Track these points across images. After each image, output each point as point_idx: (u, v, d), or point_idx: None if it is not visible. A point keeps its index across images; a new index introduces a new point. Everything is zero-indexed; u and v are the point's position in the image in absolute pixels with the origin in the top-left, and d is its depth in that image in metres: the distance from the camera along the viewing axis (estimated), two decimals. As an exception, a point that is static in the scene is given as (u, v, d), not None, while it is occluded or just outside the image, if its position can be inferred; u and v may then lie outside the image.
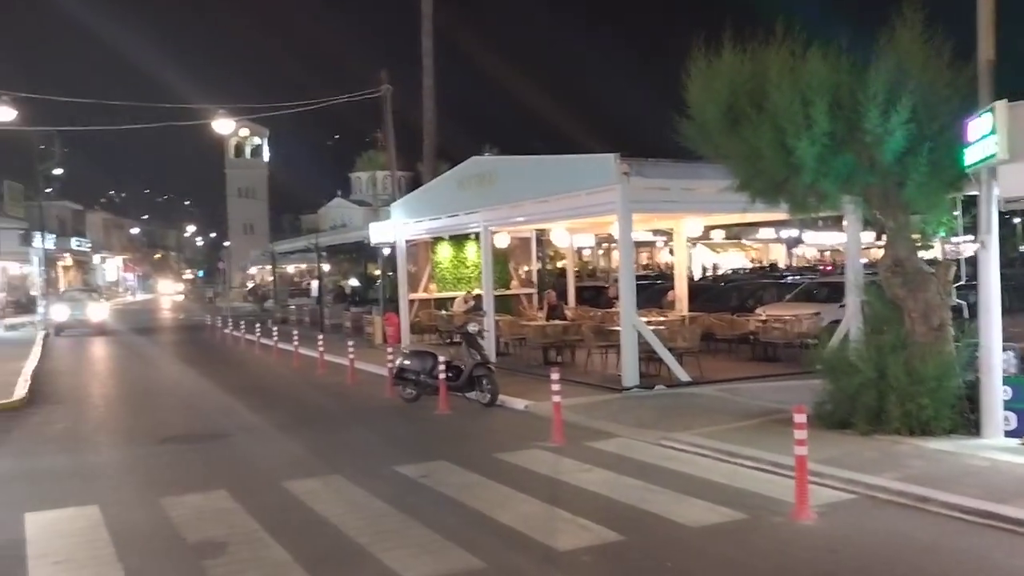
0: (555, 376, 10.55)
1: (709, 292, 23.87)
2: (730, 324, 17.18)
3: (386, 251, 25.34)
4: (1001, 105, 8.10)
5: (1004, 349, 8.94)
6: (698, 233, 18.52)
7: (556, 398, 10.38)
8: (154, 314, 52.99)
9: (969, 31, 8.94)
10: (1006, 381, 8.85)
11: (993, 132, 8.07)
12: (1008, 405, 8.85)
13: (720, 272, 43.29)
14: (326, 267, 41.55)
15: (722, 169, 10.77)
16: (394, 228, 22.25)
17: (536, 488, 8.23)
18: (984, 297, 8.83)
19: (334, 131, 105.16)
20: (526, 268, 24.43)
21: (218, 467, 9.78)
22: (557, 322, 17.58)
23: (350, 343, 18.43)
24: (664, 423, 10.76)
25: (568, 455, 9.54)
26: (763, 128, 9.60)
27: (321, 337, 20.86)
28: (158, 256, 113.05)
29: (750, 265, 48.70)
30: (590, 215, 15.71)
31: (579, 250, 39.36)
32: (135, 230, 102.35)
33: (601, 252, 51.34)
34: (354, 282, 44.53)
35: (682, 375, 13.83)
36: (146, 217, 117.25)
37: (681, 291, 19.11)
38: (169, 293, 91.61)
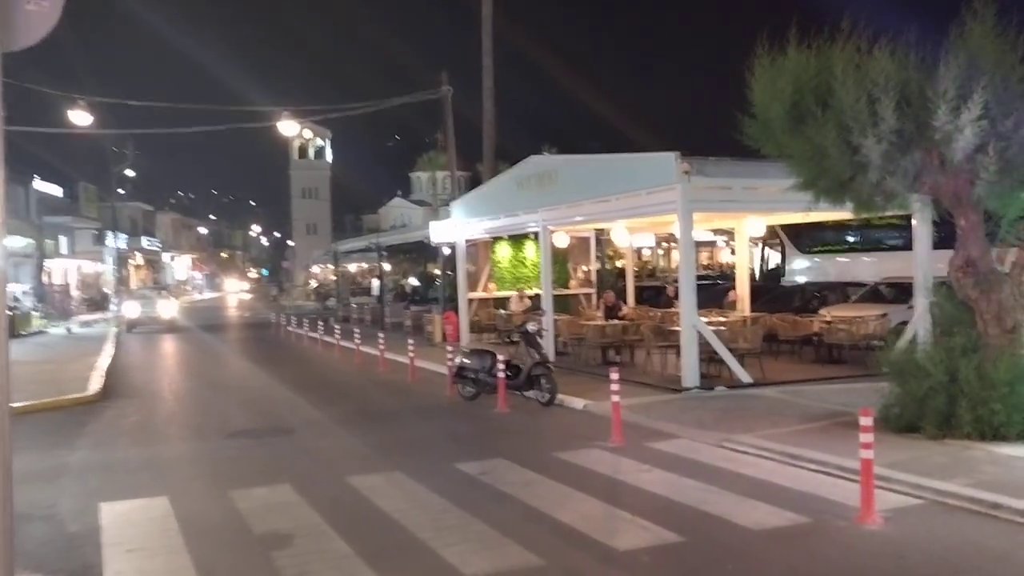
0: (614, 375, 10.53)
1: (772, 292, 23.49)
2: (793, 325, 16.90)
3: (446, 250, 25.56)
4: (1080, 100, 7.81)
5: (1082, 353, 8.64)
6: (760, 232, 18.24)
7: (615, 398, 10.35)
8: (221, 312, 54.31)
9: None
10: (1084, 386, 8.54)
11: (1071, 128, 7.79)
12: (1086, 411, 8.55)
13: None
14: (387, 266, 42.05)
15: (784, 168, 10.60)
16: (454, 228, 22.43)
17: (595, 487, 8.24)
18: (1061, 299, 8.53)
19: (395, 132, 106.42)
20: (585, 268, 24.38)
21: (283, 461, 10.00)
22: (616, 322, 17.52)
23: (410, 341, 18.64)
24: (725, 424, 10.65)
25: (627, 455, 9.52)
26: (828, 126, 9.42)
27: (382, 335, 21.15)
28: (225, 255, 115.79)
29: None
30: (650, 214, 15.62)
31: (639, 250, 39.08)
32: (203, 230, 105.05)
33: (661, 252, 50.90)
34: (414, 281, 44.97)
35: (743, 376, 13.66)
36: (213, 217, 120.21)
37: (743, 291, 18.86)
38: (235, 292, 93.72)
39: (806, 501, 7.51)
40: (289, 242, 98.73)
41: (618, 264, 33.96)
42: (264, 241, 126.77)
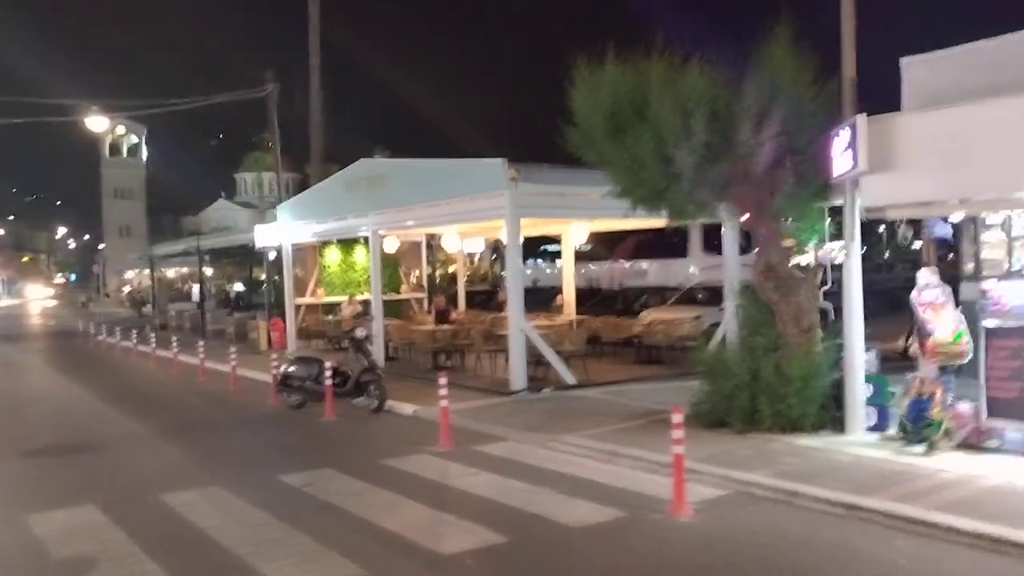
0: (443, 381, 10.55)
1: (598, 297, 24.35)
2: (615, 327, 17.57)
3: (272, 255, 24.75)
4: (862, 119, 8.61)
5: (866, 349, 9.49)
6: (584, 239, 18.88)
7: (444, 403, 10.38)
8: (21, 320, 50.00)
9: (834, 49, 9.45)
10: (868, 379, 9.38)
11: (854, 145, 8.57)
12: (870, 401, 9.39)
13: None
14: (209, 271, 40.19)
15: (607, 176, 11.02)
16: (280, 231, 21.76)
17: (423, 493, 8.21)
18: (848, 301, 9.34)
19: (219, 131, 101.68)
20: (416, 272, 24.32)
21: (90, 480, 9.32)
22: (446, 326, 17.57)
23: (232, 349, 17.90)
24: (551, 426, 10.91)
25: (456, 459, 9.55)
26: (645, 137, 9.89)
27: (202, 343, 20.17)
28: (26, 259, 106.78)
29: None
30: (480, 219, 15.80)
31: (471, 255, 39.41)
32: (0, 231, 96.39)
33: (494, 257, 51.53)
34: (239, 287, 43.24)
35: (569, 378, 14.06)
36: (12, 218, 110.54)
37: (569, 295, 19.42)
38: (39, 298, 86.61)
39: (624, 497, 7.82)
40: (100, 245, 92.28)
41: (450, 269, 34.11)
42: (72, 244, 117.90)
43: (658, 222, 12.20)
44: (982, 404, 8.47)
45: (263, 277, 29.96)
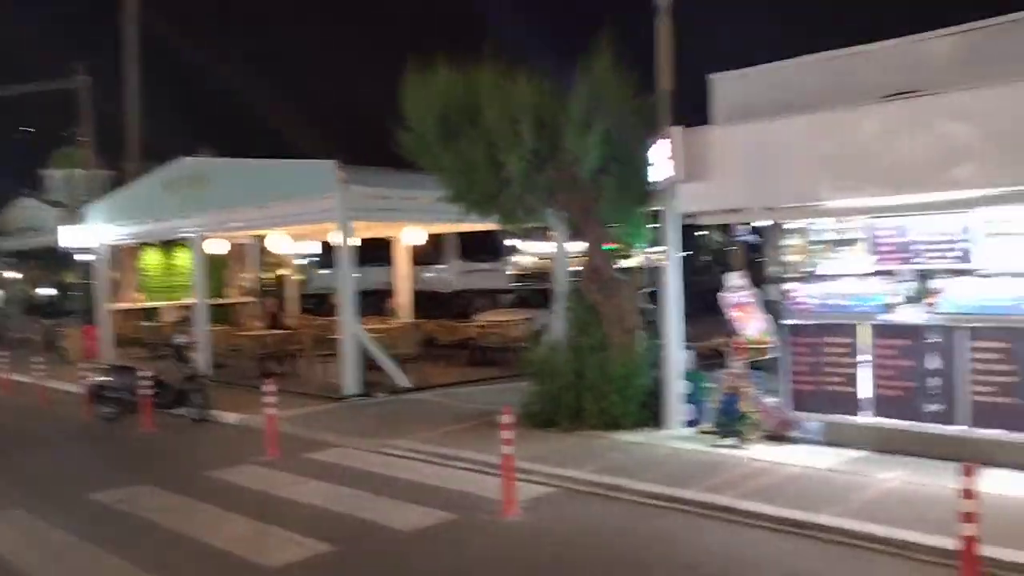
0: (269, 387, 10.23)
1: (435, 299, 24.38)
2: (451, 330, 17.66)
3: (86, 257, 23.11)
4: (677, 131, 9.11)
5: (685, 348, 10.02)
6: (421, 242, 18.88)
7: (271, 410, 10.06)
8: None
9: (652, 63, 9.94)
10: (685, 377, 9.92)
11: (670, 155, 9.05)
12: (687, 398, 9.92)
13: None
14: (13, 274, 37.05)
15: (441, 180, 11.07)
16: (92, 232, 20.37)
17: (248, 505, 7.93)
18: (666, 302, 9.84)
19: (23, 123, 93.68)
20: (246, 276, 23.43)
21: None
22: (276, 331, 17.05)
23: (39, 359, 16.59)
24: (384, 430, 10.82)
25: (283, 468, 9.29)
26: (477, 143, 10.02)
27: (6, 353, 18.56)
28: None
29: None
30: (310, 222, 15.42)
31: (305, 257, 38.40)
32: None
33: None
34: (47, 291, 40.10)
35: (403, 381, 13.99)
36: None
37: (404, 298, 19.33)
38: None
39: (456, 499, 7.87)
40: None
41: (282, 272, 33.09)
42: None
43: (491, 225, 12.39)
44: (785, 397, 9.16)
45: (75, 281, 27.92)
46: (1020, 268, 7.75)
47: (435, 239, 23.13)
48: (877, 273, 8.67)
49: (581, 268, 10.65)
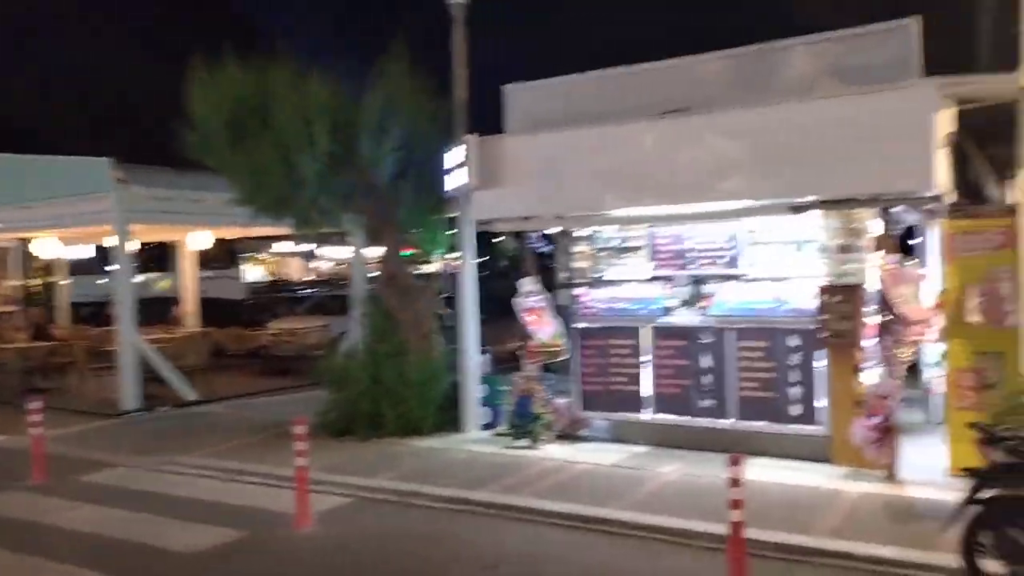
0: (36, 405, 9.32)
1: (225, 307, 23.25)
2: (242, 339, 16.95)
3: None
4: (472, 138, 9.27)
5: (481, 352, 10.19)
6: (208, 246, 17.94)
7: (36, 430, 9.17)
8: None
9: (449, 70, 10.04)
10: (482, 380, 10.08)
11: (465, 162, 9.18)
12: (484, 401, 10.09)
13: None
14: None
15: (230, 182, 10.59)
16: None
17: (8, 536, 7.17)
18: (463, 307, 9.97)
19: None
20: (7, 284, 21.24)
21: None
22: (43, 343, 15.60)
23: None
24: (167, 446, 10.18)
25: (52, 493, 8.50)
26: (267, 144, 9.68)
27: None
28: None
29: (268, 279, 48.55)
30: (83, 224, 14.22)
31: (77, 261, 35.40)
32: None
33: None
34: None
35: (189, 394, 13.23)
36: None
37: (190, 306, 18.29)
38: None
39: (246, 515, 7.54)
40: None
41: (51, 279, 30.32)
42: None
43: (283, 230, 12.01)
44: (575, 398, 9.53)
45: None
46: (778, 273, 8.54)
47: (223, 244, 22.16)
48: (657, 278, 9.24)
49: (378, 273, 10.56)
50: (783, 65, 8.27)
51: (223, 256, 26.39)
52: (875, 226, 7.93)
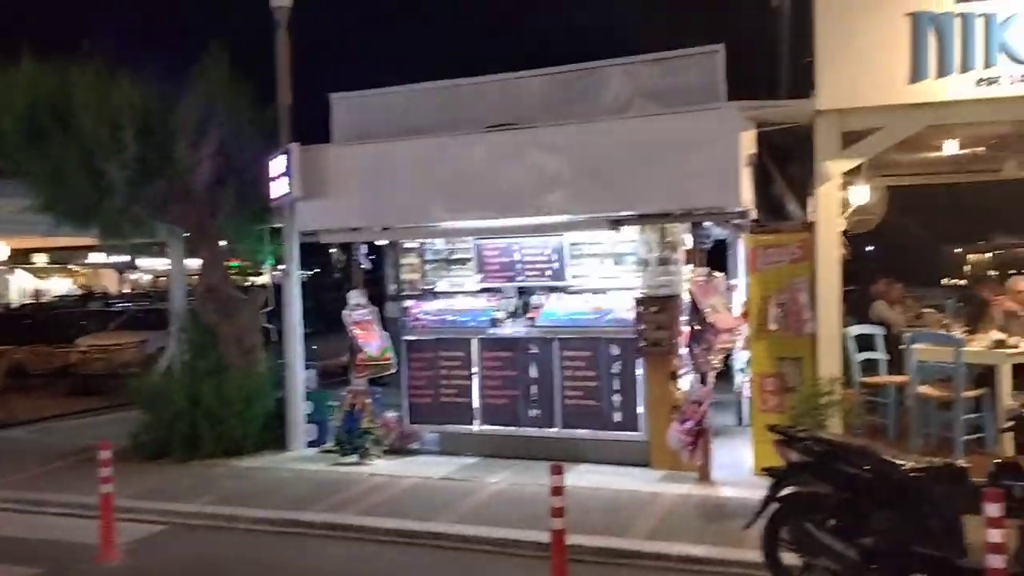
0: None
1: (26, 322, 21.42)
2: (46, 357, 15.70)
3: None
4: (295, 147, 9.01)
5: (307, 368, 9.90)
6: (3, 256, 16.51)
7: None
8: None
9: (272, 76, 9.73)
10: (308, 396, 9.79)
11: (289, 172, 8.92)
12: (310, 418, 9.80)
13: (45, 300, 39.18)
14: None
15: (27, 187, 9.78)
16: None
17: None
18: (288, 321, 9.66)
19: None
20: None
21: None
22: None
23: None
24: (-47, 478, 9.23)
25: None
26: (70, 147, 9.04)
27: None
28: None
29: (78, 292, 45.26)
30: None
31: None
32: None
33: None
34: None
35: (-17, 419, 12.09)
36: None
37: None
38: None
39: (43, 549, 6.95)
40: None
41: None
42: None
43: (92, 240, 11.23)
44: (405, 411, 9.44)
45: None
46: (600, 285, 8.84)
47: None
48: (486, 290, 9.33)
49: (196, 286, 10.06)
50: (602, 85, 8.55)
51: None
52: (687, 240, 8.36)
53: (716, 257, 9.78)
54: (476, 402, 9.14)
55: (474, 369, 9.14)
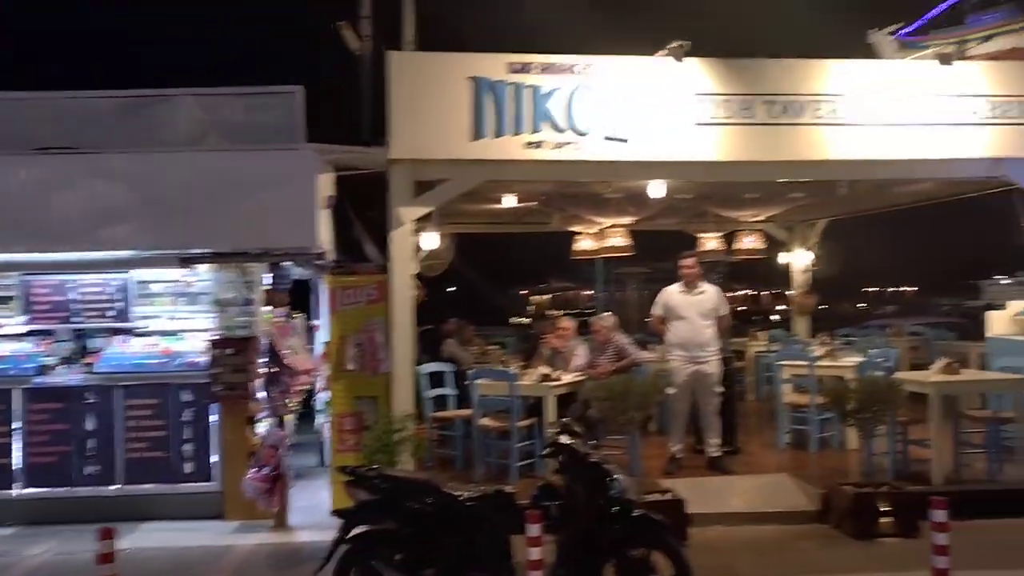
0: None
1: None
2: None
3: None
4: None
5: None
6: None
7: None
8: None
9: None
10: None
11: None
12: None
13: None
14: None
15: None
16: None
17: None
18: None
19: None
20: None
21: None
22: None
23: None
24: None
25: None
26: None
27: None
28: None
29: None
30: None
31: None
32: None
33: None
34: None
35: None
36: None
37: None
38: None
39: None
40: None
41: None
42: None
43: None
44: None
45: None
46: (171, 327, 8.26)
47: None
48: (33, 333, 8.21)
49: None
50: (175, 113, 8.07)
51: None
52: (266, 280, 8.18)
53: (301, 298, 9.73)
54: (18, 462, 7.93)
55: (15, 424, 7.93)
